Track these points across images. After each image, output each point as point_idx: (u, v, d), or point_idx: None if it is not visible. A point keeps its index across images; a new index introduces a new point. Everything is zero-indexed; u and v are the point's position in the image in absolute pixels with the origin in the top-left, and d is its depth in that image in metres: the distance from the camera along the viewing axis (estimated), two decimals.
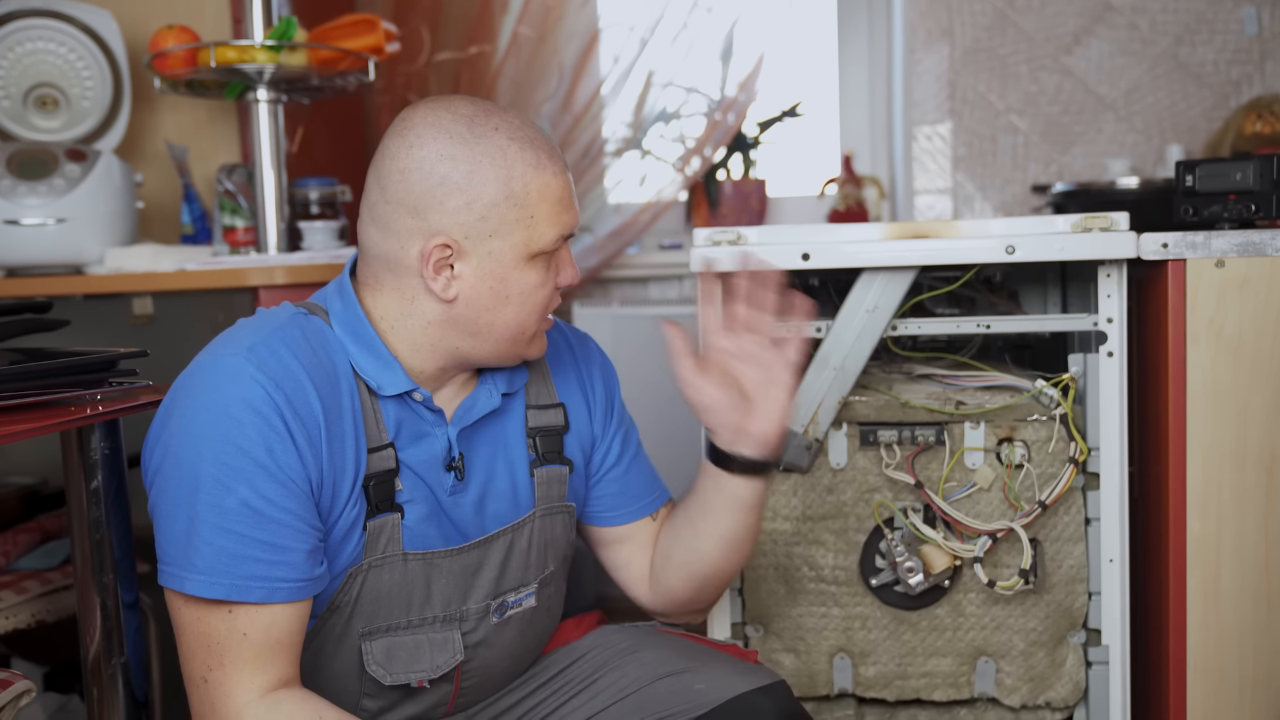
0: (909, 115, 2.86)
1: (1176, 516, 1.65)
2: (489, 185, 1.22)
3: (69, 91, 2.26)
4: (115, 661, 1.45)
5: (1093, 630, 1.74)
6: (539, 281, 1.27)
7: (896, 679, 1.78)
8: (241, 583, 1.16)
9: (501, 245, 1.23)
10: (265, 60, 2.05)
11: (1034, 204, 2.76)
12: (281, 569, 1.17)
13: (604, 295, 3.01)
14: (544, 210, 1.24)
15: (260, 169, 2.17)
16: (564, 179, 1.27)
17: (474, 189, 1.22)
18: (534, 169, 1.23)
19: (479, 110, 1.25)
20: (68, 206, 2.04)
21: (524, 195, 1.23)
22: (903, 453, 1.72)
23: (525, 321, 1.29)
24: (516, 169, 1.23)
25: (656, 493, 1.52)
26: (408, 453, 1.28)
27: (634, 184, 3.00)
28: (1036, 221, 1.68)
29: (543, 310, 1.30)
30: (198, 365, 1.22)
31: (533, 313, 1.28)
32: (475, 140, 1.22)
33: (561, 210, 1.26)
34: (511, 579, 1.37)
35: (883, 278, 1.69)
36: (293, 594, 1.19)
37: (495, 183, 1.22)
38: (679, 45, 2.87)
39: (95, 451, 1.42)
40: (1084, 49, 2.77)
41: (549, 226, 1.25)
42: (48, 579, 1.85)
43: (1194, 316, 1.62)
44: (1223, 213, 1.69)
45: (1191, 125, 2.76)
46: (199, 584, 1.16)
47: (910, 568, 1.70)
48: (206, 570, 1.16)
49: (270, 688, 1.18)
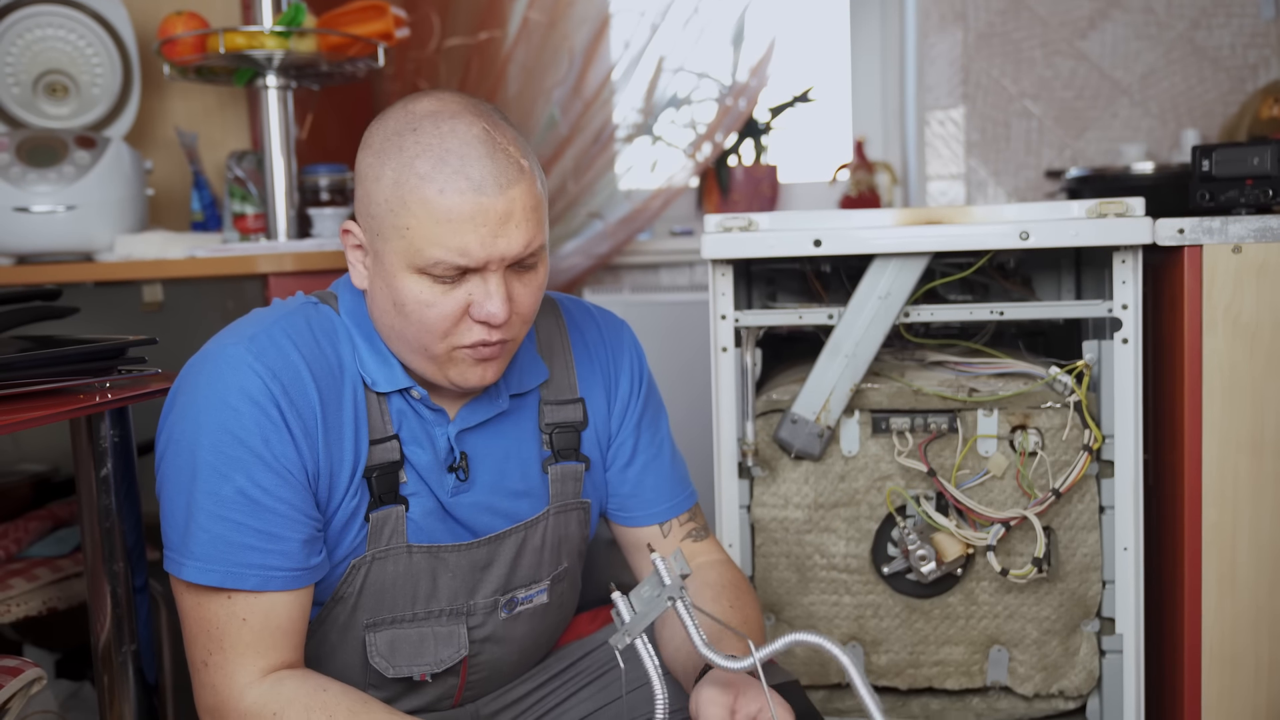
0: (922, 100, 2.84)
1: (1192, 504, 1.64)
2: (381, 185, 1.18)
3: (78, 78, 2.25)
4: (126, 648, 1.46)
5: (1107, 619, 1.73)
6: (427, 300, 1.18)
7: (909, 667, 1.77)
8: (237, 570, 1.17)
9: (385, 248, 1.19)
10: (274, 46, 2.04)
11: (1048, 189, 2.74)
12: (276, 557, 1.18)
13: (615, 282, 3.00)
14: (421, 227, 1.15)
15: (270, 156, 2.17)
16: (465, 200, 1.14)
17: (371, 185, 1.20)
18: (423, 181, 1.15)
19: (430, 114, 1.19)
20: (77, 194, 2.04)
21: (403, 204, 1.16)
22: (915, 440, 1.71)
23: (424, 340, 1.20)
24: (407, 177, 1.16)
25: (672, 501, 1.46)
26: (409, 450, 1.28)
27: (645, 170, 2.99)
28: (1051, 207, 1.66)
29: (441, 334, 1.20)
30: (203, 354, 1.23)
31: (429, 333, 1.19)
32: (395, 138, 1.19)
33: (446, 232, 1.15)
34: (523, 575, 1.36)
35: (895, 264, 1.68)
36: (288, 582, 1.19)
37: (387, 185, 1.17)
38: (690, 30, 2.85)
39: (104, 439, 1.42)
40: (1098, 33, 2.75)
41: (426, 244, 1.15)
42: (59, 566, 1.86)
43: (1210, 303, 1.61)
44: (1239, 198, 1.67)
45: (1208, 110, 2.73)
46: (195, 570, 1.17)
47: (922, 556, 1.69)
48: (203, 557, 1.17)
49: (272, 670, 1.19)
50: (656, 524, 1.45)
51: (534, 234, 1.19)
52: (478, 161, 1.16)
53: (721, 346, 1.75)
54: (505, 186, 1.16)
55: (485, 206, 1.15)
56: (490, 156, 1.16)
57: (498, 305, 1.18)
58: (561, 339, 1.42)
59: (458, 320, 1.19)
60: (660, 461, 1.46)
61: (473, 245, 1.15)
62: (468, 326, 1.20)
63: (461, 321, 1.20)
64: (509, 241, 1.17)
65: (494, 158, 1.17)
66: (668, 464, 1.47)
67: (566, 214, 2.89)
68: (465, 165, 1.15)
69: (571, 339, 1.43)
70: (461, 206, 1.15)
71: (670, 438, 1.49)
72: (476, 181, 1.15)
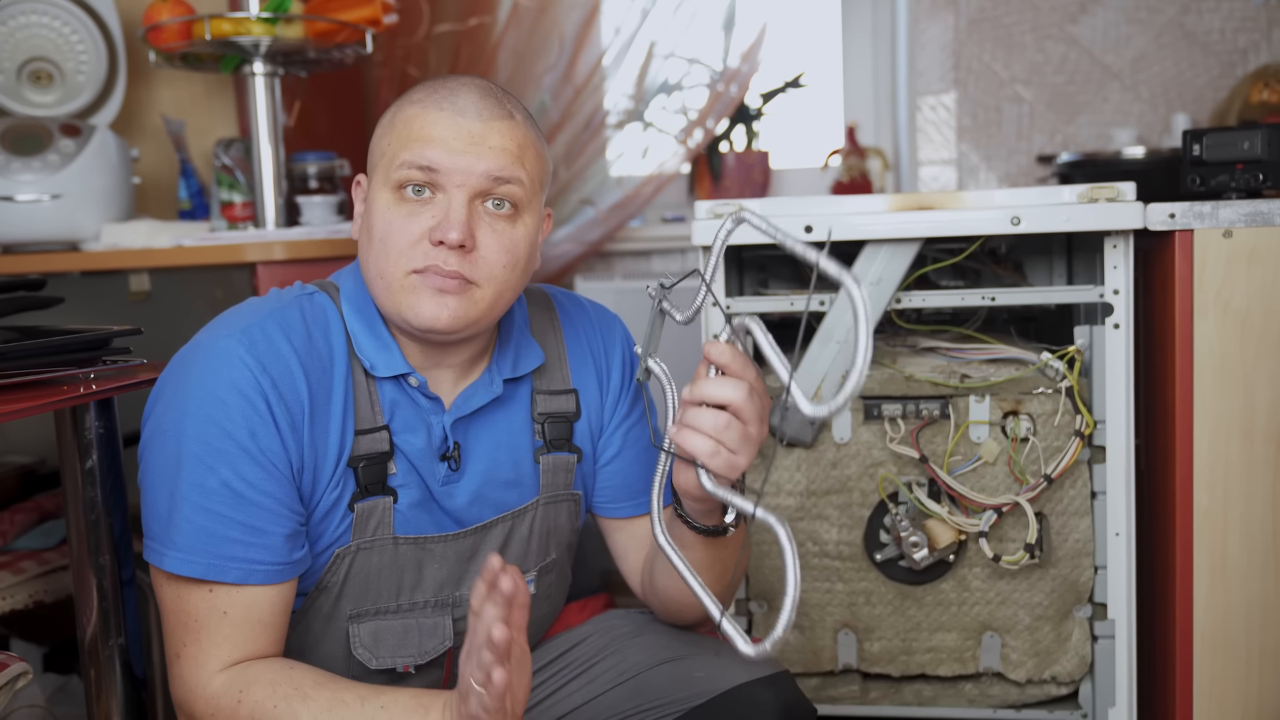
0: (913, 86, 2.83)
1: (1183, 490, 1.64)
2: (381, 123, 1.26)
3: (63, 66, 2.23)
4: (113, 642, 1.45)
5: (1099, 604, 1.73)
6: (392, 218, 1.20)
7: (901, 654, 1.77)
8: (219, 562, 1.17)
9: (374, 180, 1.24)
10: (261, 33, 2.03)
11: (1039, 174, 2.74)
12: (259, 551, 1.18)
13: (606, 268, 2.99)
14: (399, 139, 1.21)
15: (258, 143, 2.15)
16: (442, 116, 1.20)
17: (376, 129, 1.27)
18: (411, 104, 1.22)
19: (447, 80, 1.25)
20: (63, 182, 2.02)
21: (390, 128, 1.23)
22: (907, 427, 1.71)
23: (386, 265, 1.21)
24: (402, 107, 1.23)
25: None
26: (401, 439, 1.27)
27: (636, 156, 2.98)
28: (1042, 192, 1.66)
29: (398, 252, 1.20)
30: (194, 344, 1.23)
31: (388, 255, 1.20)
32: (408, 93, 1.26)
33: (419, 141, 1.19)
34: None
35: (887, 250, 1.67)
36: (270, 576, 1.19)
37: (385, 121, 1.25)
38: (681, 16, 2.84)
39: (90, 431, 1.41)
40: (1089, 17, 2.74)
41: (400, 151, 1.20)
42: (45, 559, 1.85)
43: (1201, 288, 1.60)
44: (1230, 182, 1.67)
45: (1198, 94, 2.73)
46: (176, 561, 1.17)
47: (915, 542, 1.69)
48: (185, 548, 1.17)
49: (245, 660, 1.19)
50: (643, 514, 1.44)
51: (507, 164, 1.21)
52: (467, 94, 1.22)
53: (713, 333, 1.75)
54: (487, 118, 1.21)
55: (461, 125, 1.20)
56: (481, 95, 1.23)
57: (455, 225, 1.19)
58: (555, 330, 1.41)
59: (416, 241, 1.20)
60: (649, 455, 1.45)
61: (437, 152, 1.19)
62: (424, 247, 1.21)
63: (420, 243, 1.21)
64: (476, 159, 1.19)
65: (484, 98, 1.23)
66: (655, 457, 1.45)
67: (558, 200, 2.88)
68: (454, 95, 1.22)
69: (565, 331, 1.42)
70: (438, 121, 1.20)
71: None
72: (459, 106, 1.21)
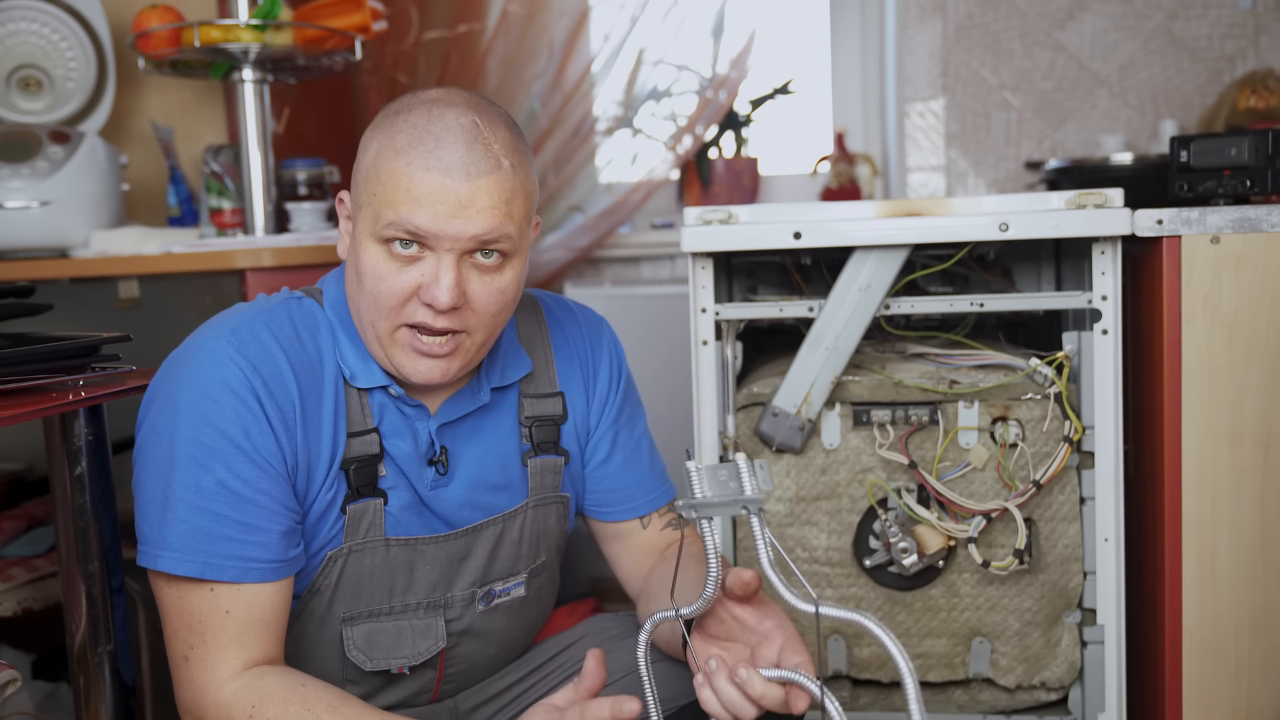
0: (902, 92, 2.84)
1: (1172, 495, 1.64)
2: (365, 155, 1.22)
3: (52, 73, 2.23)
4: (102, 649, 1.44)
5: (1088, 610, 1.73)
6: (381, 272, 1.18)
7: (891, 660, 1.77)
8: (215, 561, 1.17)
9: (360, 216, 1.22)
10: (250, 40, 2.03)
11: (1027, 181, 2.75)
12: (256, 549, 1.18)
13: (596, 275, 2.99)
14: (386, 193, 1.17)
15: (247, 150, 2.15)
16: (429, 178, 1.16)
17: (360, 156, 1.24)
18: (397, 154, 1.17)
19: (430, 100, 1.21)
20: (52, 189, 2.02)
21: (375, 172, 1.19)
22: (896, 433, 1.71)
23: (372, 316, 1.21)
24: (385, 149, 1.19)
25: (652, 495, 1.46)
26: (389, 443, 1.28)
27: (625, 163, 2.99)
28: (1030, 198, 1.66)
29: (387, 310, 1.20)
30: (184, 346, 1.23)
31: (376, 306, 1.20)
32: (390, 115, 1.22)
33: (405, 202, 1.16)
34: (500, 568, 1.35)
35: (875, 256, 1.68)
36: (267, 574, 1.19)
37: (369, 155, 1.21)
38: (670, 22, 2.84)
39: (78, 438, 1.40)
40: (1077, 24, 2.75)
41: (385, 209, 1.17)
42: (34, 566, 1.84)
43: (1189, 293, 1.61)
44: (1218, 188, 1.67)
45: (1186, 101, 2.74)
46: (172, 560, 1.17)
47: (904, 548, 1.69)
48: (180, 547, 1.17)
49: (252, 664, 1.19)
50: (636, 517, 1.45)
51: (496, 225, 1.18)
52: (453, 147, 1.17)
53: (702, 339, 1.75)
54: (474, 176, 1.17)
55: (448, 188, 1.16)
56: (468, 146, 1.17)
57: (444, 289, 1.17)
58: (541, 334, 1.42)
59: (405, 299, 1.19)
60: (639, 458, 1.46)
61: (425, 218, 1.16)
62: (413, 306, 1.20)
63: (410, 301, 1.20)
64: (465, 224, 1.17)
65: (471, 148, 1.17)
66: (646, 460, 1.47)
67: (547, 207, 2.88)
68: (439, 148, 1.17)
69: (551, 334, 1.43)
70: (424, 183, 1.16)
71: (649, 435, 1.49)
72: (446, 164, 1.16)
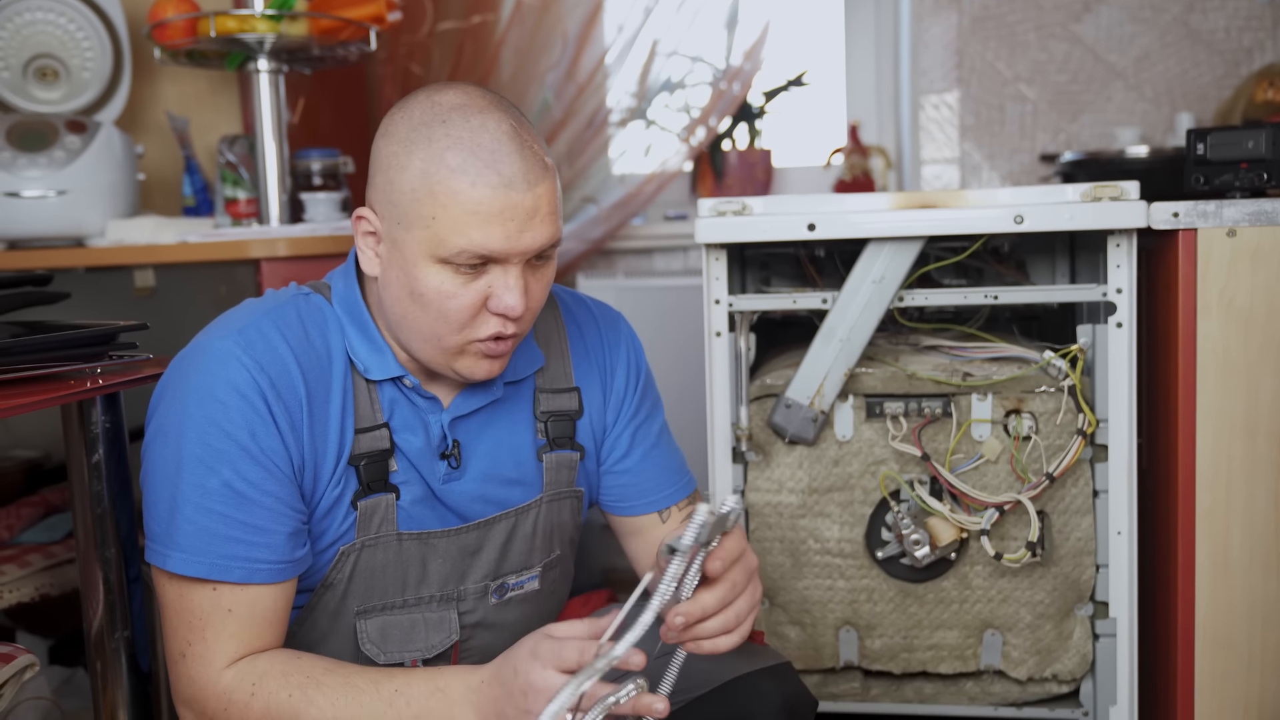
0: (916, 84, 2.84)
1: (1185, 489, 1.64)
2: (407, 173, 1.18)
3: (69, 63, 2.24)
4: (119, 635, 1.46)
5: (1100, 603, 1.73)
6: (449, 291, 1.19)
7: (902, 651, 1.77)
8: (222, 562, 1.18)
9: (406, 237, 1.19)
10: (265, 30, 2.03)
11: (1042, 173, 2.74)
12: (262, 550, 1.19)
13: (608, 266, 2.99)
14: (449, 216, 1.16)
15: (262, 140, 2.16)
16: (495, 195, 1.16)
17: (395, 174, 1.20)
18: (453, 173, 1.16)
19: (457, 106, 1.19)
20: (68, 178, 2.03)
21: (430, 194, 1.16)
22: (909, 425, 1.71)
23: (439, 331, 1.21)
24: (437, 168, 1.16)
25: (671, 489, 1.46)
26: (400, 437, 1.28)
27: (639, 154, 2.98)
28: (1045, 191, 1.66)
29: (458, 325, 1.21)
30: (192, 347, 1.24)
31: (445, 323, 1.20)
32: (422, 128, 1.19)
33: (475, 224, 1.16)
34: (513, 561, 1.36)
35: (889, 248, 1.67)
36: (273, 575, 1.20)
37: (413, 173, 1.18)
38: (684, 13, 2.84)
39: (96, 425, 1.42)
40: (1093, 16, 2.74)
41: (452, 234, 1.16)
42: (51, 553, 1.85)
43: (1205, 287, 1.61)
44: (1234, 181, 1.67)
45: (1202, 93, 2.73)
46: (180, 561, 1.18)
47: (916, 540, 1.70)
48: (188, 548, 1.18)
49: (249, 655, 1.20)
50: (655, 511, 1.45)
51: (555, 230, 1.22)
52: (508, 157, 1.17)
53: (715, 331, 1.75)
54: (533, 184, 1.18)
55: (514, 202, 1.17)
56: (519, 153, 1.18)
57: (516, 298, 1.20)
58: (558, 330, 1.42)
59: (476, 312, 1.21)
60: (657, 452, 1.45)
61: (498, 239, 1.17)
62: (484, 319, 1.22)
63: (479, 314, 1.21)
64: (534, 236, 1.19)
65: (523, 155, 1.18)
66: (664, 455, 1.46)
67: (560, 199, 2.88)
68: (497, 160, 1.17)
69: (568, 329, 1.43)
70: (492, 201, 1.16)
71: (667, 429, 1.49)
72: (508, 177, 1.17)
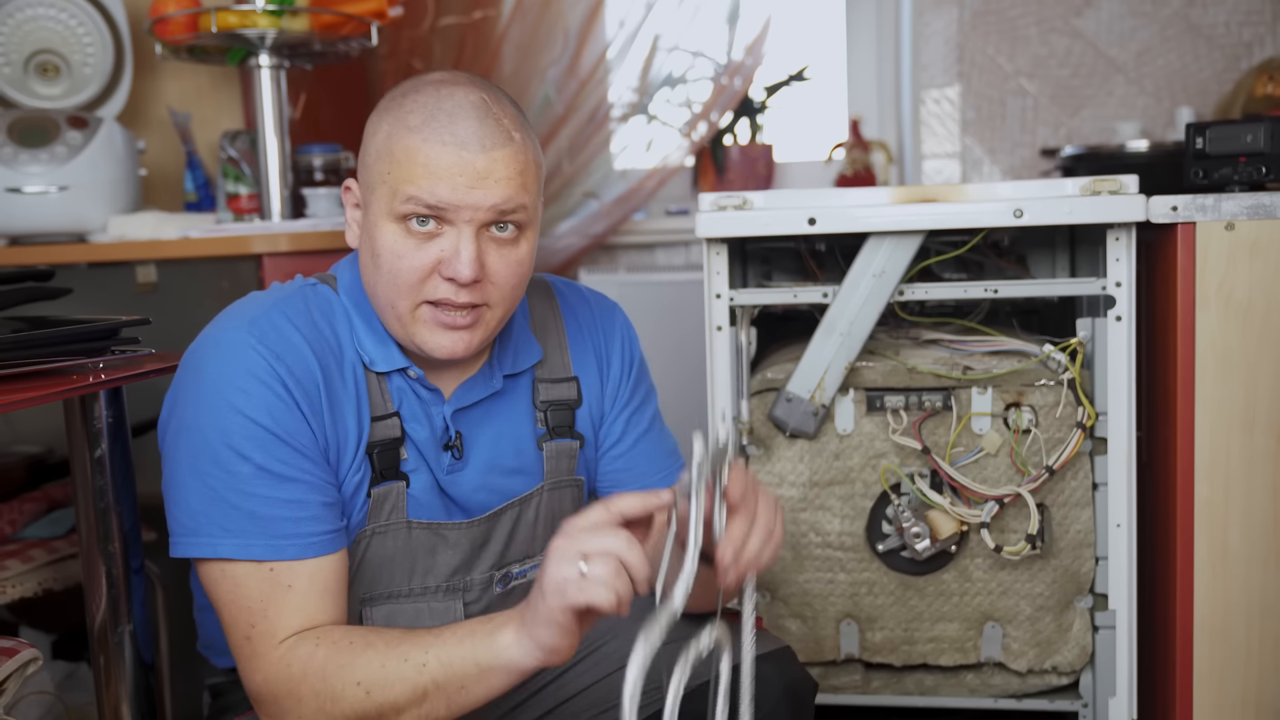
0: (917, 79, 2.84)
1: (1184, 481, 1.64)
2: (375, 139, 1.23)
3: (70, 58, 2.24)
4: (122, 629, 1.46)
5: (1100, 595, 1.74)
6: (399, 251, 1.20)
7: (903, 644, 1.78)
8: (276, 541, 1.17)
9: (371, 199, 1.22)
10: (267, 25, 2.03)
11: (1043, 167, 2.74)
12: (310, 524, 1.19)
13: (610, 261, 3.00)
14: (401, 170, 1.18)
15: (263, 135, 2.16)
16: (446, 150, 1.17)
17: (368, 140, 1.24)
18: (410, 131, 1.19)
19: (436, 81, 1.23)
20: (70, 174, 2.03)
21: (389, 151, 1.20)
22: (910, 418, 1.72)
23: (391, 296, 1.22)
24: (397, 129, 1.20)
25: (663, 474, 1.47)
26: (408, 427, 1.29)
27: (640, 149, 2.99)
28: (1045, 185, 1.66)
29: (408, 287, 1.21)
30: (203, 340, 1.23)
31: (395, 286, 1.21)
32: (398, 98, 1.23)
33: (423, 175, 1.17)
34: (517, 551, 1.36)
35: (890, 242, 1.68)
36: (326, 546, 1.20)
37: (380, 138, 1.22)
38: (685, 9, 2.84)
39: (98, 420, 1.42)
40: (1094, 10, 2.74)
41: (403, 184, 1.18)
42: (54, 547, 1.85)
43: (1203, 280, 1.61)
44: (1233, 175, 1.67)
45: (1202, 87, 2.73)
46: (234, 546, 1.17)
47: (917, 533, 1.70)
48: (239, 532, 1.17)
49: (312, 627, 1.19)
50: None
51: (513, 194, 1.20)
52: (465, 121, 1.19)
53: (716, 325, 1.75)
54: (489, 148, 1.19)
55: (466, 160, 1.18)
56: (480, 120, 1.19)
57: (465, 262, 1.19)
58: (555, 319, 1.43)
59: (426, 275, 1.21)
60: (650, 438, 1.47)
61: (444, 190, 1.18)
62: (435, 282, 1.21)
63: (430, 277, 1.21)
64: (485, 195, 1.19)
65: (483, 122, 1.20)
66: (657, 440, 1.48)
67: (562, 193, 2.88)
68: (453, 123, 1.19)
69: (565, 319, 1.43)
70: (442, 156, 1.18)
71: (660, 416, 1.51)
72: (461, 138, 1.18)
